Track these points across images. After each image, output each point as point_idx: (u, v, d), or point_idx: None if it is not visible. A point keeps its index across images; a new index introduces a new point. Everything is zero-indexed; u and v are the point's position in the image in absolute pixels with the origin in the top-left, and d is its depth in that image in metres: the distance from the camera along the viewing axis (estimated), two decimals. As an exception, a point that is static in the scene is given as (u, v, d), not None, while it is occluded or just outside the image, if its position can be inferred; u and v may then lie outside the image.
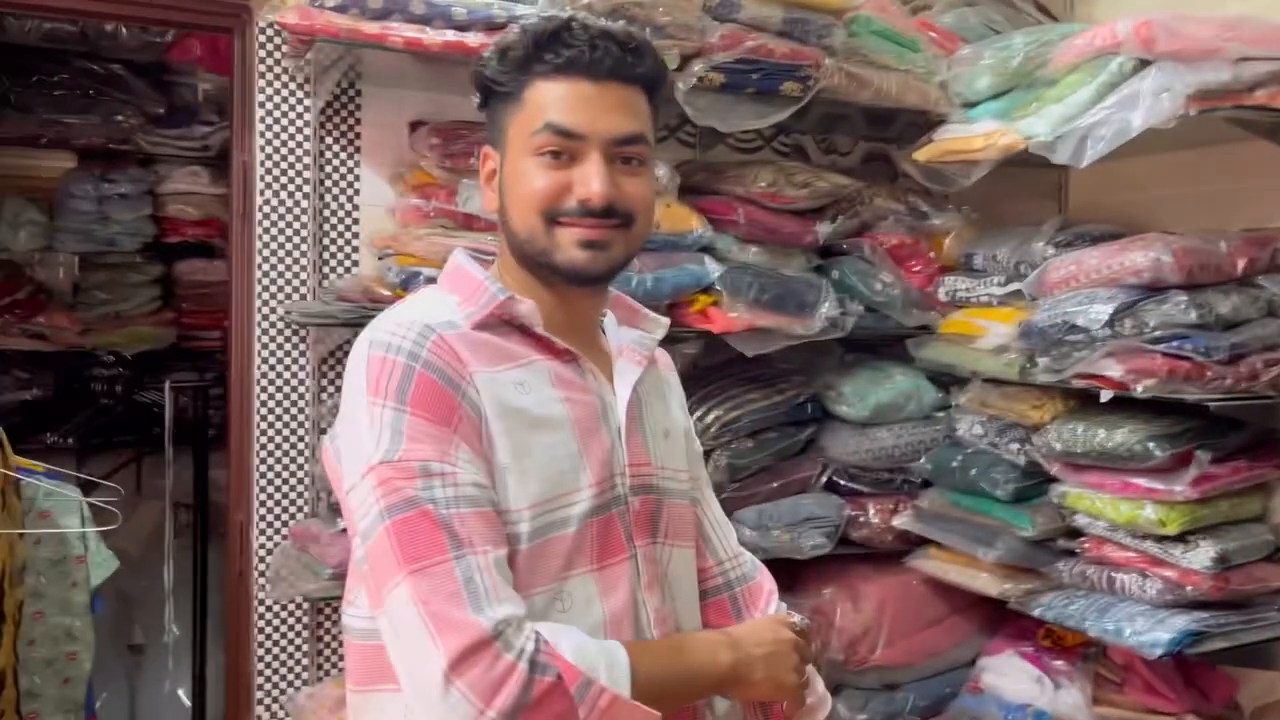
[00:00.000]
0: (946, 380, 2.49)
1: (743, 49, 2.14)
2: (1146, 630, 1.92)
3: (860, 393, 2.44)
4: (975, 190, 2.38)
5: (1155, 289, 2.00)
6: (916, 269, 2.51)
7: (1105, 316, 2.01)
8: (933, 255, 2.53)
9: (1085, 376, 2.05)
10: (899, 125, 2.77)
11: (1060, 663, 2.28)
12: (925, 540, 2.43)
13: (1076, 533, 2.18)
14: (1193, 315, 1.93)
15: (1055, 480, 2.19)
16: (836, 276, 2.43)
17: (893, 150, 2.76)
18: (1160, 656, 1.89)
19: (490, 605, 0.92)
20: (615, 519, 1.09)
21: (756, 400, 2.39)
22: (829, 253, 2.50)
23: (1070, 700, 2.22)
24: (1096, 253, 2.11)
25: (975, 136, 2.25)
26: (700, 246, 2.28)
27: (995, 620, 2.49)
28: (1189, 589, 1.94)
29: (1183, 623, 1.91)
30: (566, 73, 1.06)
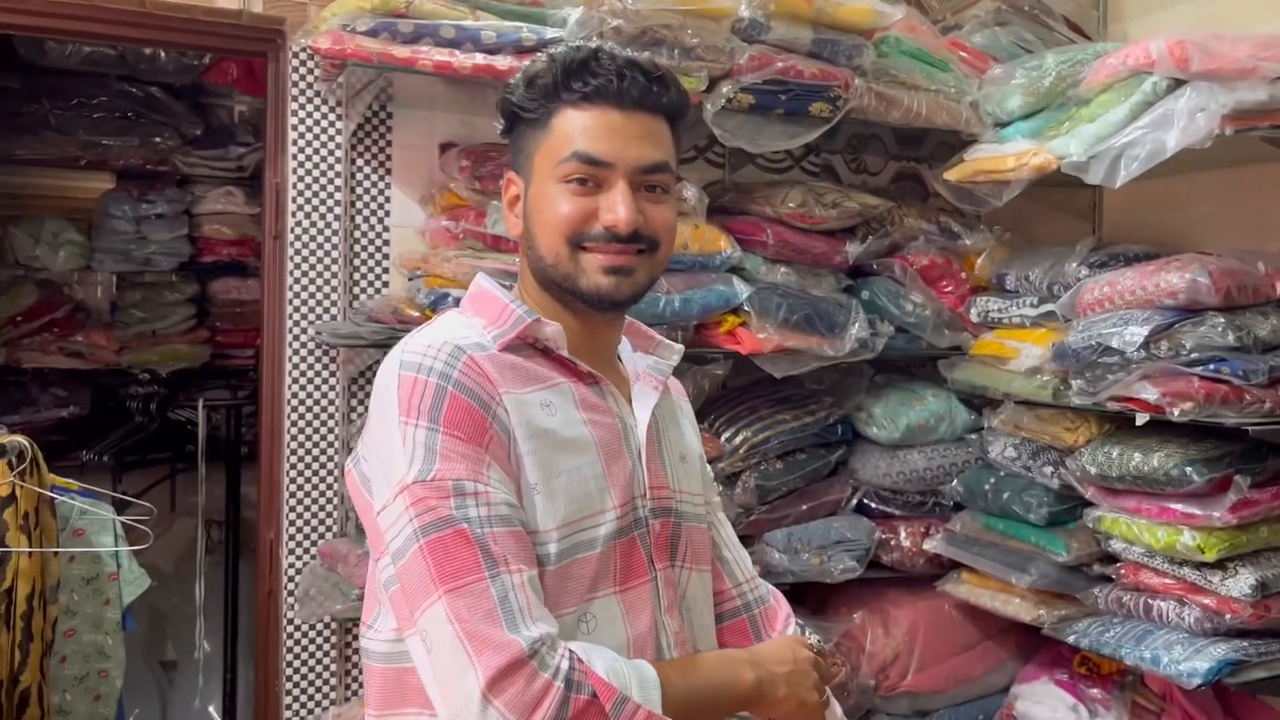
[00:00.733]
0: (978, 402, 2.46)
1: (772, 70, 2.14)
2: (1184, 659, 1.88)
3: (891, 414, 2.42)
4: (1007, 210, 2.36)
5: (1192, 310, 1.97)
6: (948, 289, 2.48)
7: (1141, 338, 1.98)
8: (964, 276, 2.50)
9: (1120, 399, 2.02)
10: (930, 145, 2.77)
11: (1096, 691, 2.24)
12: (957, 564, 2.40)
13: (1112, 558, 2.14)
14: (1230, 338, 1.90)
15: (1090, 504, 2.15)
16: (866, 297, 2.42)
17: (924, 170, 2.76)
18: (1198, 686, 1.85)
19: (526, 624, 0.93)
20: (637, 541, 1.10)
21: (786, 421, 2.38)
22: (859, 273, 2.48)
23: (1106, 729, 2.18)
24: (1131, 274, 2.08)
25: (1007, 156, 2.23)
26: (729, 267, 2.28)
27: (1029, 646, 2.45)
28: (1228, 617, 1.90)
29: (1221, 651, 1.87)
30: (594, 101, 1.08)
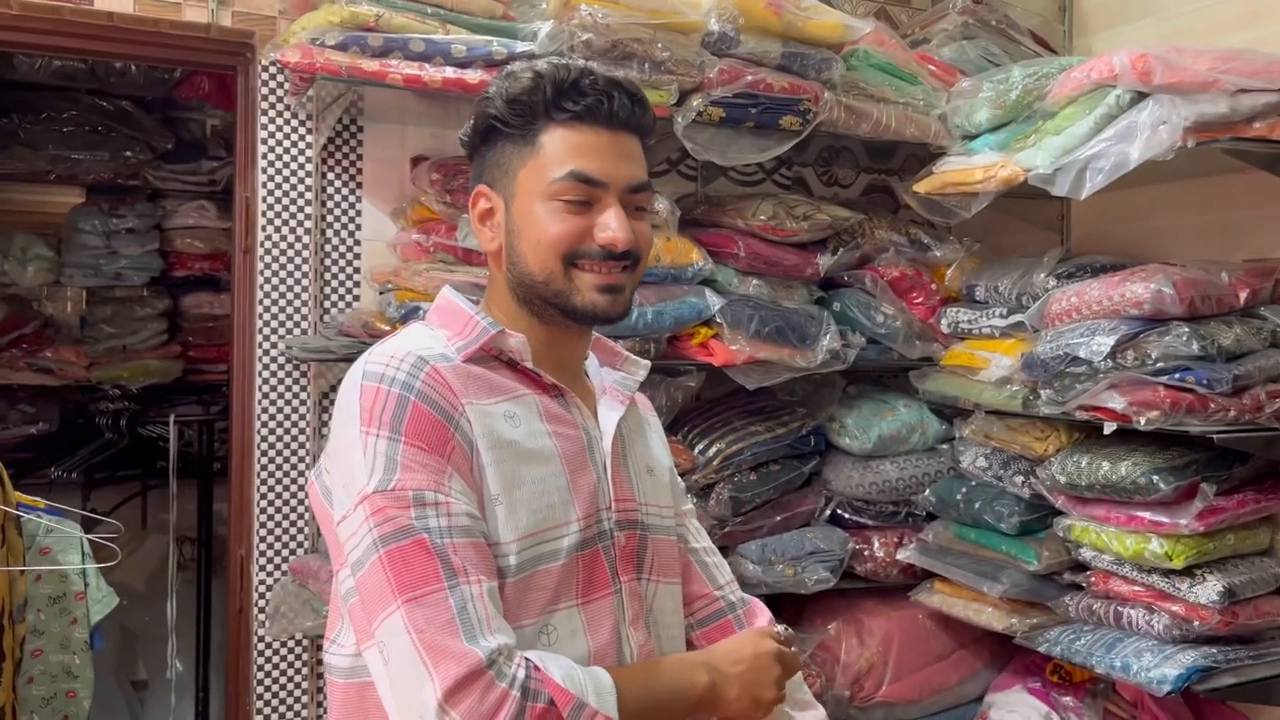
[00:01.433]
0: (950, 412, 2.48)
1: (742, 83, 2.15)
2: (1154, 666, 1.90)
3: (863, 425, 2.43)
4: (977, 222, 2.38)
5: (1157, 320, 1.99)
6: (918, 301, 2.50)
7: (1107, 348, 2.00)
8: (934, 287, 2.52)
9: (1088, 409, 2.04)
10: (900, 157, 2.79)
11: (1069, 699, 2.25)
12: (930, 574, 2.41)
13: (1082, 566, 2.16)
14: (1195, 347, 1.92)
15: (1060, 513, 2.17)
16: (838, 308, 2.43)
17: (894, 182, 2.78)
18: (1168, 693, 1.86)
19: (484, 634, 0.93)
20: (600, 554, 1.10)
21: (759, 433, 2.38)
22: (830, 285, 2.50)
23: (1079, 737, 2.19)
24: (1098, 284, 2.10)
25: (975, 168, 2.25)
26: (701, 279, 2.29)
27: (1002, 655, 2.46)
28: (1196, 624, 1.92)
29: (1191, 658, 1.89)
30: (585, 121, 1.09)
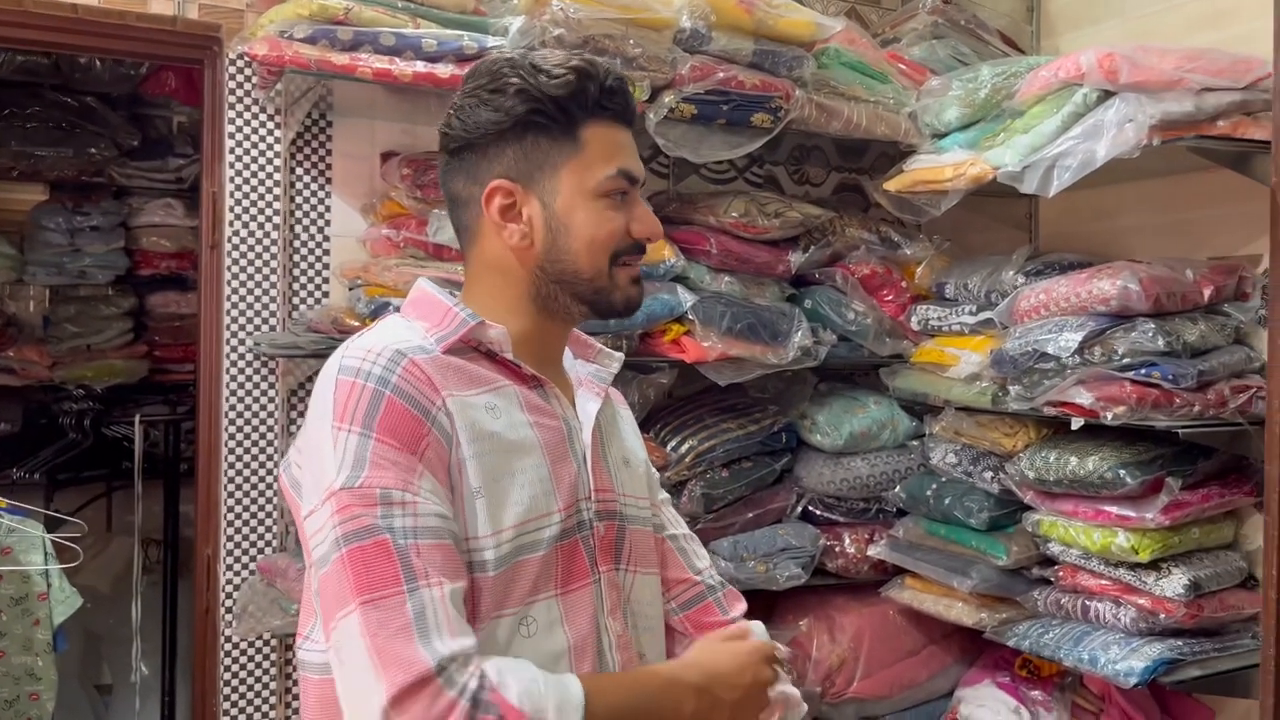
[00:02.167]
0: (920, 409, 2.49)
1: (713, 80, 2.15)
2: (1121, 659, 1.92)
3: (834, 422, 2.44)
4: (947, 220, 2.40)
5: (1124, 317, 2.01)
6: (889, 298, 2.51)
7: (1075, 344, 2.01)
8: (905, 284, 2.54)
9: (1056, 404, 2.06)
10: (871, 156, 2.80)
11: (1037, 693, 2.27)
12: (901, 570, 2.42)
13: (1051, 561, 2.18)
14: (1160, 343, 1.95)
15: (1029, 508, 2.19)
16: (809, 306, 2.44)
17: (865, 180, 2.79)
18: (1134, 685, 1.88)
19: (439, 639, 0.91)
20: (579, 544, 1.10)
21: (731, 430, 2.39)
22: (801, 282, 2.51)
23: (1048, 731, 2.20)
24: (1066, 281, 2.12)
25: (945, 166, 2.27)
26: (673, 276, 2.28)
27: (972, 650, 2.48)
28: (1162, 617, 1.94)
29: (1157, 651, 1.91)
30: (618, 120, 1.13)
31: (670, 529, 1.31)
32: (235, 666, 2.21)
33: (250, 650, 2.22)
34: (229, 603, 2.19)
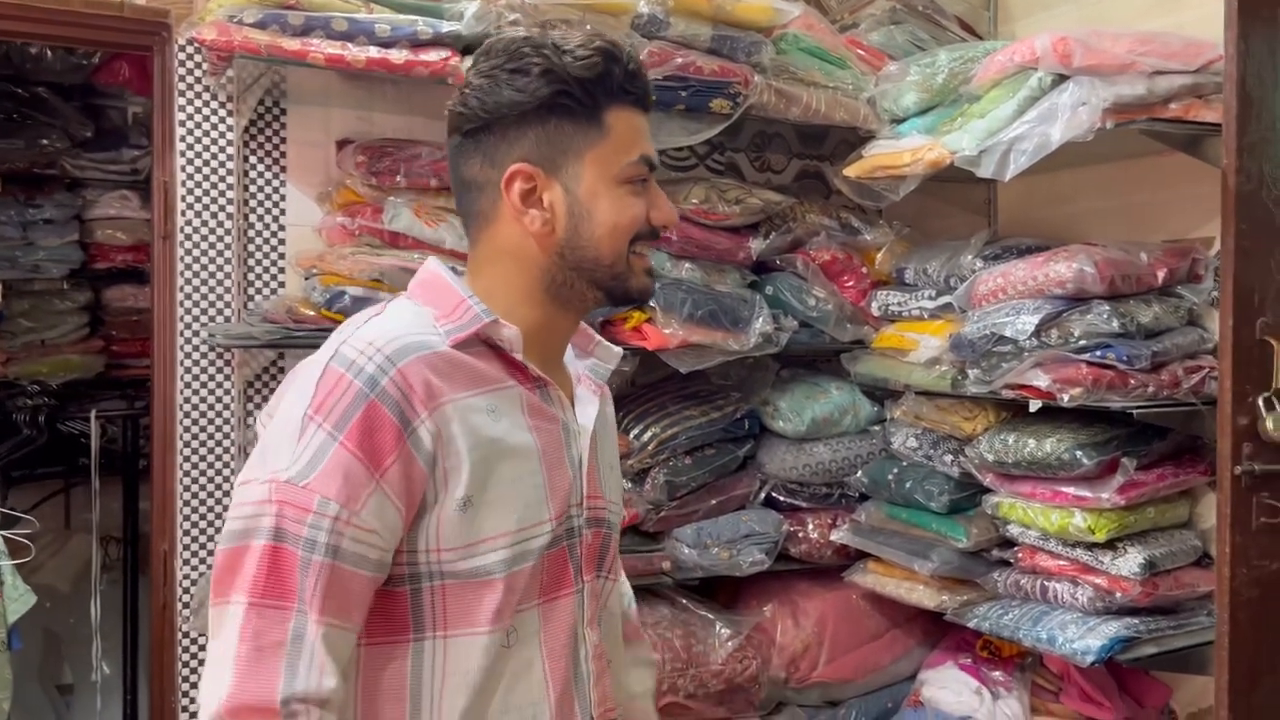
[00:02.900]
0: (881, 394, 2.50)
1: (671, 66, 2.15)
2: (1078, 638, 1.94)
3: (796, 408, 2.44)
4: (906, 205, 2.41)
5: (1079, 299, 2.03)
6: (849, 284, 2.52)
7: (1032, 327, 2.03)
8: (865, 270, 2.54)
9: (1014, 387, 2.07)
10: (831, 142, 2.81)
11: (998, 673, 2.29)
12: (864, 554, 2.43)
13: (1010, 543, 2.20)
14: (1115, 325, 1.96)
15: (989, 491, 2.20)
16: (770, 292, 2.44)
17: (826, 167, 2.79)
18: (1092, 664, 1.90)
19: (302, 674, 0.92)
20: (567, 552, 1.07)
21: (694, 417, 2.38)
22: (762, 269, 2.50)
23: (1009, 710, 2.22)
24: (1023, 265, 2.14)
25: (903, 151, 2.27)
26: (633, 263, 2.27)
27: (935, 633, 2.49)
28: (1119, 595, 1.96)
29: (1113, 629, 1.93)
30: (639, 105, 1.09)
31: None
32: (194, 662, 2.18)
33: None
34: (186, 598, 2.16)
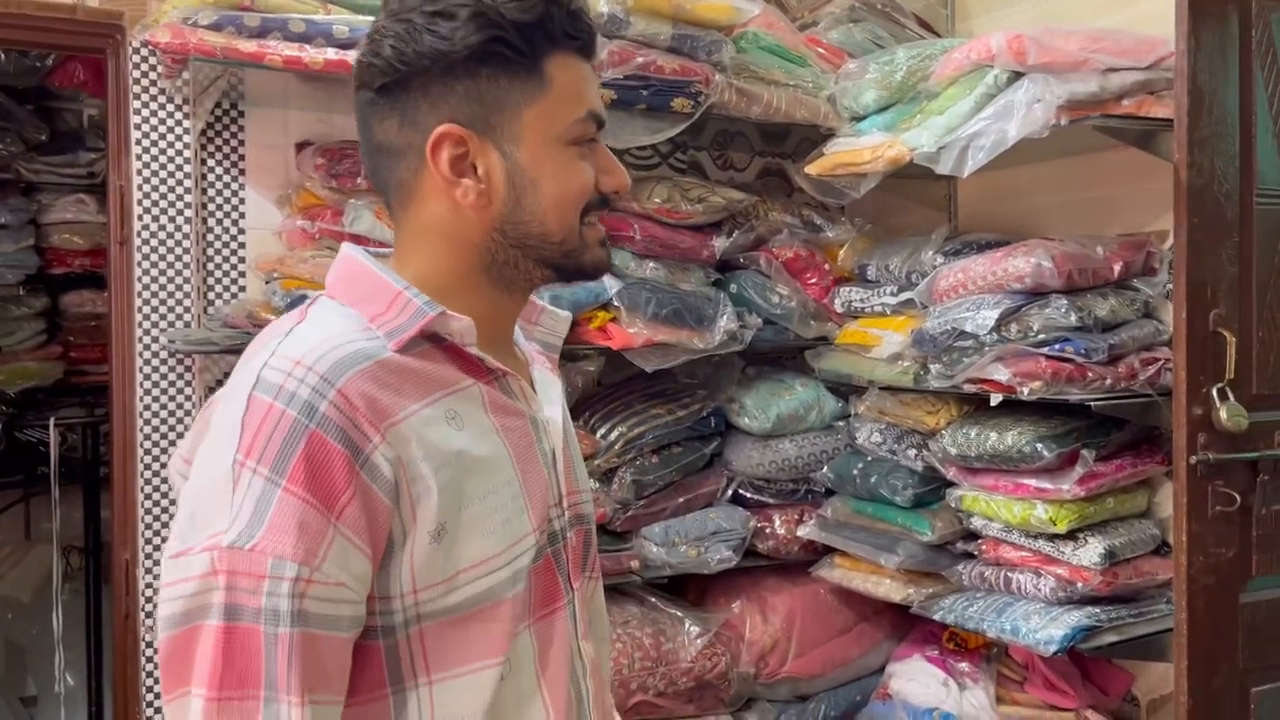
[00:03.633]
0: (845, 390, 2.52)
1: (632, 65, 2.15)
2: (1041, 628, 1.96)
3: (762, 405, 2.46)
4: (868, 201, 2.43)
5: (1038, 294, 2.06)
6: (812, 281, 2.53)
7: (991, 322, 2.05)
8: (828, 267, 2.56)
9: (975, 381, 2.09)
10: (793, 140, 2.82)
11: (964, 664, 2.31)
12: (830, 549, 2.45)
13: (974, 535, 2.22)
14: (1073, 318, 1.99)
15: (952, 484, 2.23)
16: (734, 290, 2.45)
17: (788, 164, 2.81)
18: (1055, 653, 1.93)
19: None
20: (552, 560, 0.94)
21: (660, 415, 2.39)
22: (726, 267, 2.51)
23: (976, 701, 2.25)
24: (982, 260, 2.16)
25: (863, 149, 2.29)
26: (597, 263, 2.27)
27: (902, 626, 2.52)
28: (1080, 585, 1.99)
29: (1075, 619, 1.95)
30: (584, 52, 0.93)
31: None
32: (158, 673, 2.15)
33: (173, 654, 2.16)
34: (149, 607, 2.14)
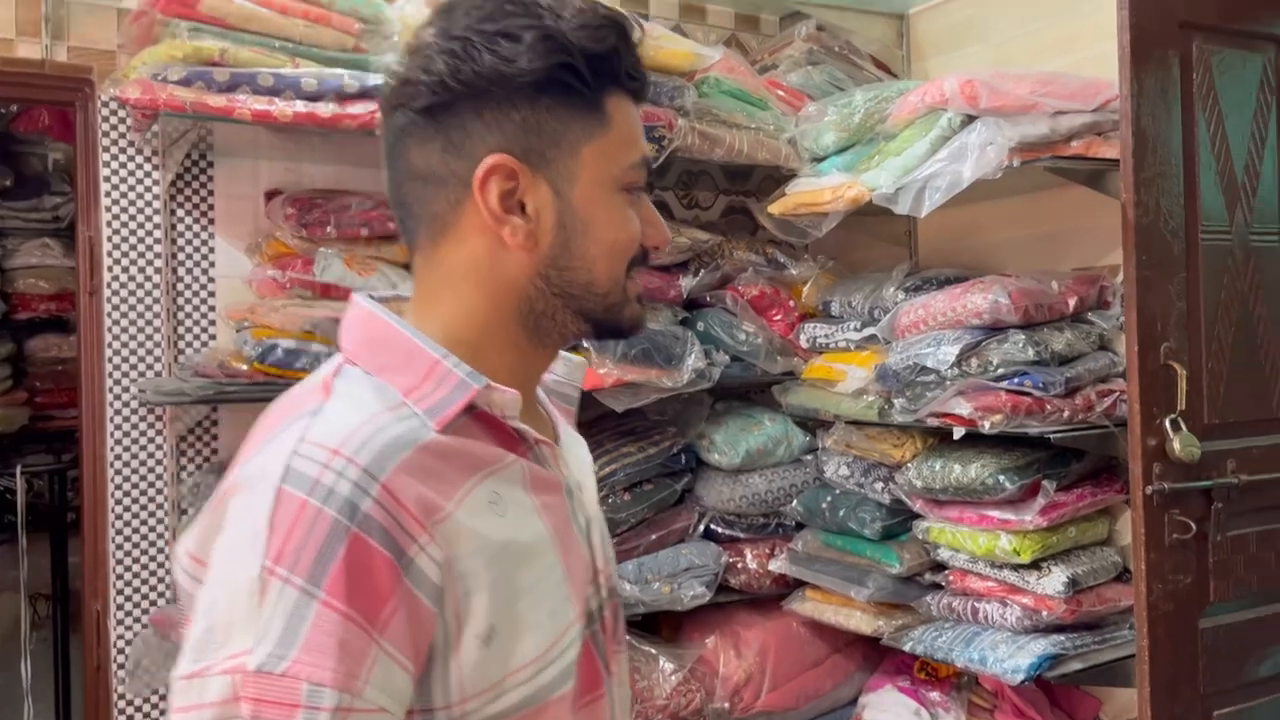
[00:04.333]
0: (812, 424, 2.56)
1: (597, 112, 2.19)
2: (1008, 657, 2.00)
3: (731, 440, 2.49)
4: (830, 238, 2.48)
5: (996, 329, 2.11)
6: (778, 318, 2.58)
7: (952, 357, 2.10)
8: (792, 304, 2.61)
9: (938, 415, 2.14)
10: (757, 178, 2.88)
11: (936, 694, 2.35)
12: (802, 582, 2.48)
13: (941, 566, 2.26)
14: (1030, 352, 2.05)
15: (919, 516, 2.27)
16: (701, 329, 2.49)
17: (752, 203, 2.86)
18: (1021, 682, 1.96)
19: None
20: (591, 643, 0.85)
21: (632, 453, 2.41)
22: (693, 305, 2.55)
23: (947, 730, 2.28)
24: (942, 296, 2.21)
25: (824, 189, 2.35)
26: (566, 305, 2.30)
27: (873, 657, 2.55)
28: (1045, 614, 2.03)
29: (1041, 647, 2.00)
30: (638, 97, 0.85)
31: None
32: (131, 724, 2.14)
33: (146, 707, 2.15)
34: (121, 659, 2.13)
